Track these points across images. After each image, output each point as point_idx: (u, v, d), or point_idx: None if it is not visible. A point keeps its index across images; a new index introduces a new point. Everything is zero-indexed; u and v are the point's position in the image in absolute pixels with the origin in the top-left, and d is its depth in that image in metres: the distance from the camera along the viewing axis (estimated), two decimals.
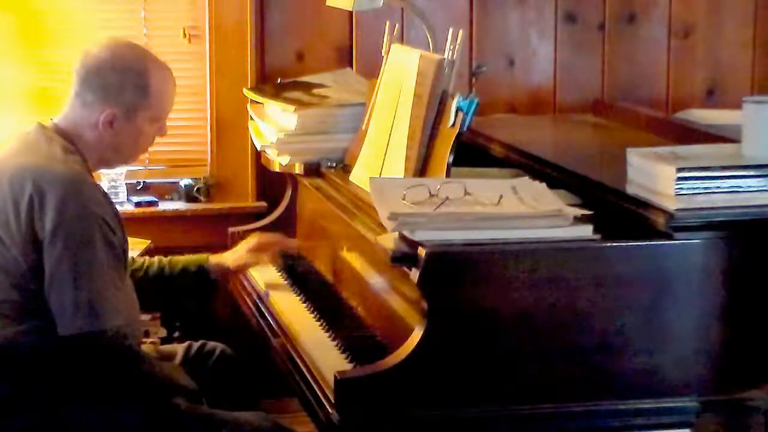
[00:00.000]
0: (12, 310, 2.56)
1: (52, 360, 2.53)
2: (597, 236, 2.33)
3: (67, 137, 2.67)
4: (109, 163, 2.83)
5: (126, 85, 2.68)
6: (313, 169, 3.28)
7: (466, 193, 2.39)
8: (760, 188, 2.36)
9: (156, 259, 3.09)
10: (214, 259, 3.09)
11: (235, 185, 3.96)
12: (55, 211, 2.51)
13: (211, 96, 3.90)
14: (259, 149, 3.56)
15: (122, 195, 3.87)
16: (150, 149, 3.82)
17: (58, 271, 2.50)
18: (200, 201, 3.94)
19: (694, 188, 2.33)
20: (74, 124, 2.70)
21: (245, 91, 3.65)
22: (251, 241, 3.16)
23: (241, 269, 3.17)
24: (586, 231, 2.33)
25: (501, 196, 2.39)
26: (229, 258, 3.11)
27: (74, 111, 2.70)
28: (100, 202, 2.59)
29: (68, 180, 2.55)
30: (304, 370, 2.54)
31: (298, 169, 3.32)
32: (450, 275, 2.27)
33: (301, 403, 2.56)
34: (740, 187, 2.36)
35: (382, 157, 2.91)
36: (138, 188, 3.96)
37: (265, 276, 3.21)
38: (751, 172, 2.36)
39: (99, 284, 2.51)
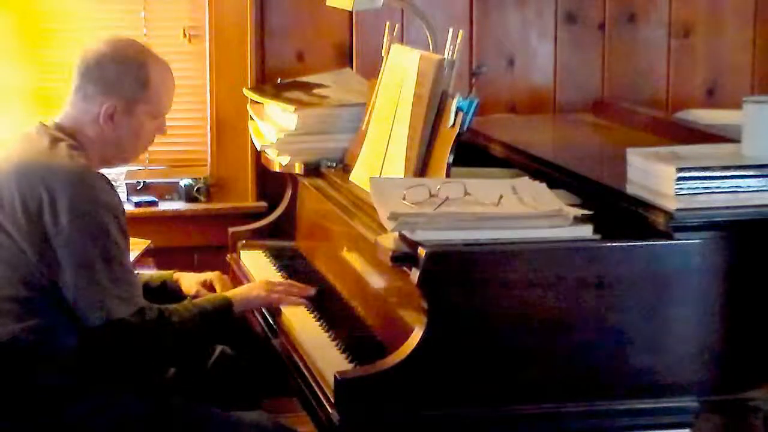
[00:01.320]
0: (20, 306, 2.56)
1: (60, 355, 2.54)
2: (597, 236, 2.33)
3: (70, 135, 2.68)
4: (110, 161, 2.83)
5: (126, 78, 2.69)
6: (313, 169, 3.28)
7: (466, 193, 2.39)
8: (760, 188, 2.36)
9: None
10: (177, 276, 3.06)
11: (235, 185, 3.96)
12: (68, 208, 2.52)
13: (211, 96, 3.90)
14: (259, 149, 3.56)
15: (122, 195, 3.86)
16: (150, 149, 3.84)
17: (82, 266, 2.52)
18: (200, 201, 3.94)
19: (694, 188, 2.33)
20: (76, 120, 2.70)
21: (245, 91, 3.65)
22: (208, 275, 3.06)
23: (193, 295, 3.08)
24: (586, 231, 2.33)
25: (501, 196, 2.39)
26: (184, 282, 3.05)
27: (75, 107, 2.71)
28: (109, 192, 2.62)
29: (76, 174, 2.57)
30: (304, 370, 2.54)
31: (298, 169, 3.32)
32: (450, 275, 2.27)
33: (301, 403, 2.57)
34: (740, 187, 2.36)
35: (382, 157, 2.91)
36: (138, 188, 3.96)
37: (264, 276, 3.20)
38: (751, 172, 2.36)
39: (122, 271, 2.55)
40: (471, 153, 2.94)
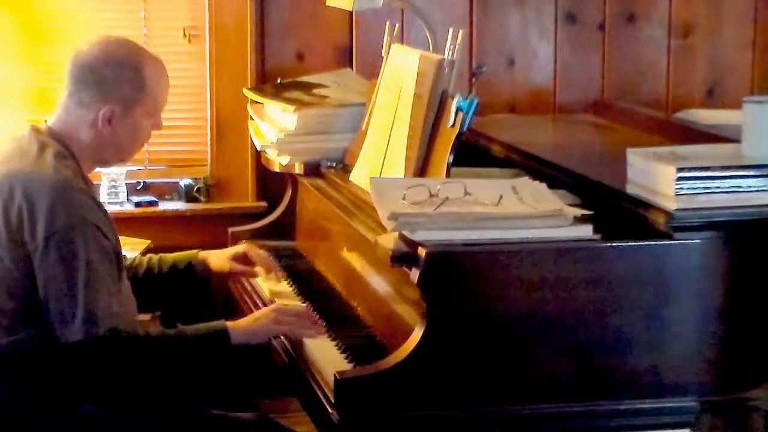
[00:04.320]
0: (6, 318, 2.54)
1: (50, 368, 2.52)
2: (597, 236, 2.33)
3: (61, 141, 2.64)
4: (107, 162, 2.82)
5: (121, 80, 2.66)
6: (313, 169, 3.28)
7: (466, 193, 2.39)
8: (760, 188, 2.36)
9: (146, 257, 3.06)
10: (202, 255, 3.05)
11: (235, 185, 3.96)
12: (45, 221, 2.49)
13: (211, 96, 3.91)
14: (259, 149, 3.56)
15: (122, 195, 3.87)
16: (150, 149, 3.85)
17: (54, 281, 2.49)
18: (200, 201, 3.94)
19: (694, 188, 2.33)
20: (69, 125, 2.66)
21: (245, 91, 3.65)
22: (238, 248, 3.10)
23: (223, 275, 3.10)
24: (586, 231, 2.33)
25: (501, 196, 2.39)
26: (213, 259, 3.06)
27: (69, 112, 2.67)
28: (91, 207, 2.57)
29: (57, 188, 2.52)
30: (304, 370, 2.54)
31: (298, 169, 3.32)
32: (450, 275, 2.27)
33: (301, 403, 2.57)
34: (740, 187, 2.36)
35: (382, 157, 2.91)
36: (138, 188, 3.96)
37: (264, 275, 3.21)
38: (751, 172, 2.36)
39: (94, 291, 2.49)
40: (471, 153, 2.94)
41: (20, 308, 2.54)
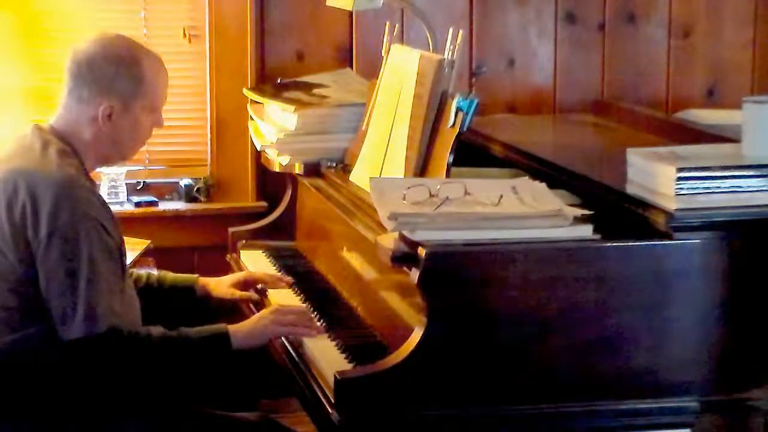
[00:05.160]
0: (10, 316, 2.53)
1: (52, 366, 2.52)
2: (597, 236, 2.33)
3: (64, 139, 2.64)
4: (108, 160, 2.81)
5: (120, 76, 2.65)
6: (313, 169, 3.29)
7: (466, 193, 2.39)
8: (760, 188, 2.36)
9: (144, 273, 3.06)
10: (202, 281, 3.05)
11: (235, 185, 3.96)
12: (48, 217, 2.49)
13: (211, 96, 3.91)
14: (259, 149, 3.56)
15: (122, 195, 3.87)
16: (150, 149, 3.85)
17: (55, 278, 2.48)
18: (200, 201, 3.94)
19: (694, 188, 2.33)
20: (71, 123, 2.67)
21: (245, 91, 3.66)
22: (238, 275, 3.11)
23: (225, 303, 3.09)
24: (586, 231, 2.33)
25: (501, 196, 2.39)
26: (213, 287, 3.06)
27: (70, 110, 2.68)
28: (95, 204, 2.57)
29: (61, 184, 2.53)
30: (304, 370, 2.54)
31: (298, 169, 3.32)
32: (450, 275, 2.27)
33: (301, 403, 2.57)
34: (740, 187, 2.36)
35: (382, 157, 2.92)
36: (138, 188, 3.96)
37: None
38: (751, 172, 2.37)
39: (96, 288, 2.48)
40: (471, 153, 2.94)
41: (23, 306, 2.53)
